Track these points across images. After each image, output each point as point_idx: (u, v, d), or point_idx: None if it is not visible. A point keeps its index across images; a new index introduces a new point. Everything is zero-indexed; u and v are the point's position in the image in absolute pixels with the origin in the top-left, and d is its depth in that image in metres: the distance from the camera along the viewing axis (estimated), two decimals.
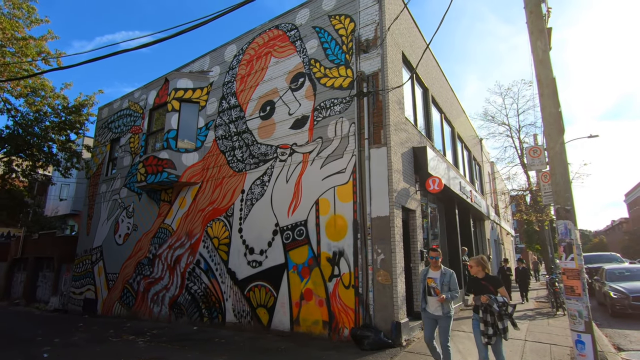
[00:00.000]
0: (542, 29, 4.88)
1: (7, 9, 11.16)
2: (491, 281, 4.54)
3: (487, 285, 4.48)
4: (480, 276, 4.61)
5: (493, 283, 4.51)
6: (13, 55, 11.39)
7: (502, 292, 4.39)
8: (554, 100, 4.66)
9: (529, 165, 7.24)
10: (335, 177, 7.79)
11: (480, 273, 4.62)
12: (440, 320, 4.73)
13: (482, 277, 4.59)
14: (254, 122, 9.55)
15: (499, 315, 4.30)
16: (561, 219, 4.36)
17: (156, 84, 11.90)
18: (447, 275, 4.76)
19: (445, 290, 4.68)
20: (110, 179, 13.78)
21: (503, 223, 24.42)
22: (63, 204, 23.48)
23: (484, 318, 4.37)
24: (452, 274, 4.79)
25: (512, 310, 4.40)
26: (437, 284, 4.70)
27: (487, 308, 4.33)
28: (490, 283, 4.50)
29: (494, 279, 4.62)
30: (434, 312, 4.74)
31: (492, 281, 4.54)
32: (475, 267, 4.64)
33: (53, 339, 8.23)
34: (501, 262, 15.45)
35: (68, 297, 14.39)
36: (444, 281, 4.71)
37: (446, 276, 4.75)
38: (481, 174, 18.82)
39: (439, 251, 4.92)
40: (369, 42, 7.96)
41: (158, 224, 11.26)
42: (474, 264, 4.64)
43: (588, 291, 4.33)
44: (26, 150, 13.23)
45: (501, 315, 4.30)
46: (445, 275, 4.75)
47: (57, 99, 13.67)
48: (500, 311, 4.29)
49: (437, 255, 4.84)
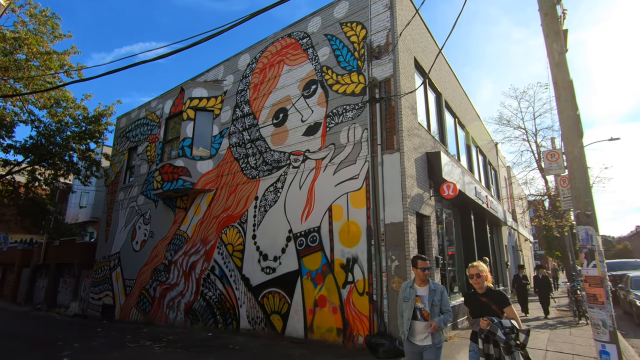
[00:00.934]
0: (557, 31, 4.80)
1: (33, 25, 11.67)
2: (494, 298, 3.46)
3: (488, 303, 3.41)
4: (480, 290, 3.55)
5: (497, 300, 3.43)
6: (37, 69, 11.86)
7: (510, 314, 3.35)
8: (571, 103, 4.56)
9: (546, 170, 7.08)
10: (348, 183, 7.78)
11: (480, 285, 3.56)
12: (427, 352, 3.62)
13: (482, 291, 3.54)
14: (267, 130, 9.66)
15: (506, 346, 3.17)
16: (582, 225, 4.23)
17: (172, 94, 12.19)
18: (437, 292, 3.70)
19: (435, 312, 3.62)
20: (128, 186, 14.11)
21: (521, 229, 23.83)
22: (83, 212, 24.13)
23: (484, 350, 3.29)
24: (444, 291, 3.79)
25: (524, 339, 3.26)
26: (426, 304, 3.64)
27: (489, 336, 3.25)
28: (494, 300, 3.43)
29: (498, 295, 3.50)
30: (421, 342, 3.62)
31: (496, 298, 3.45)
32: (475, 278, 3.56)
33: (73, 344, 8.41)
34: (516, 268, 14.39)
35: (87, 302, 14.72)
36: (434, 300, 3.64)
37: (436, 293, 3.68)
38: (497, 178, 18.47)
39: (428, 262, 3.87)
40: (381, 48, 7.98)
41: (174, 230, 11.44)
42: (474, 271, 3.57)
43: (612, 299, 4.17)
44: (48, 159, 13.69)
45: (509, 346, 3.17)
46: (435, 293, 3.69)
47: (77, 109, 14.12)
48: (508, 340, 3.16)
49: (427, 266, 3.79)
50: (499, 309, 3.38)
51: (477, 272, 3.57)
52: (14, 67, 11.30)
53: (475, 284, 3.55)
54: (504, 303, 3.41)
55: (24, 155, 13.38)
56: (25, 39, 11.08)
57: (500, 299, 3.43)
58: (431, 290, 3.72)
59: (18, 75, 11.51)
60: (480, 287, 3.55)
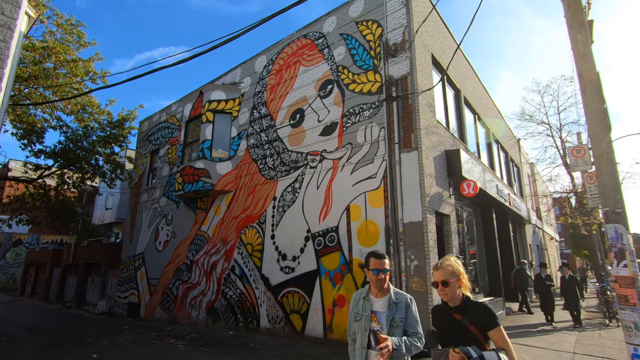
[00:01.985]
0: (582, 22, 4.63)
1: (60, 34, 12.21)
2: (475, 314, 2.22)
3: (464, 322, 2.23)
4: (452, 302, 2.32)
5: (478, 318, 2.20)
6: (64, 76, 12.39)
7: (498, 340, 2.15)
8: (598, 96, 4.39)
9: (572, 166, 6.82)
10: (366, 182, 7.75)
11: (451, 296, 2.30)
12: None
13: (456, 304, 2.31)
14: (284, 130, 9.74)
15: None
16: (611, 223, 4.07)
17: (191, 97, 12.47)
18: (400, 305, 2.58)
19: (397, 333, 2.50)
20: (150, 188, 14.52)
21: (546, 227, 23.07)
22: (108, 213, 25.02)
23: None
24: (410, 304, 2.62)
25: None
26: (383, 324, 2.53)
27: None
28: (473, 318, 2.21)
29: (480, 311, 2.23)
30: None
31: (477, 315, 2.22)
32: (441, 288, 2.31)
33: (101, 340, 8.75)
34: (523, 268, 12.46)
35: (114, 300, 15.25)
36: (394, 318, 2.54)
37: (399, 308, 2.57)
38: (520, 176, 17.95)
39: (386, 261, 2.63)
40: (397, 46, 7.91)
41: (195, 231, 11.70)
42: (439, 276, 2.33)
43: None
44: (76, 163, 14.26)
45: None
46: (397, 307, 2.58)
47: (102, 114, 14.67)
48: None
49: (384, 267, 2.60)
50: (480, 332, 2.15)
51: (442, 277, 2.28)
52: (43, 75, 11.84)
53: (443, 296, 2.30)
54: (489, 323, 2.15)
55: (53, 160, 13.99)
56: (53, 48, 11.60)
57: (484, 317, 2.18)
58: (391, 304, 2.57)
59: (47, 83, 12.05)
60: (451, 299, 2.29)
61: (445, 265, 2.36)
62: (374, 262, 2.63)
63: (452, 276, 2.30)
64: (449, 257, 2.41)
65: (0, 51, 2.15)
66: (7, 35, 2.20)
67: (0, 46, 2.14)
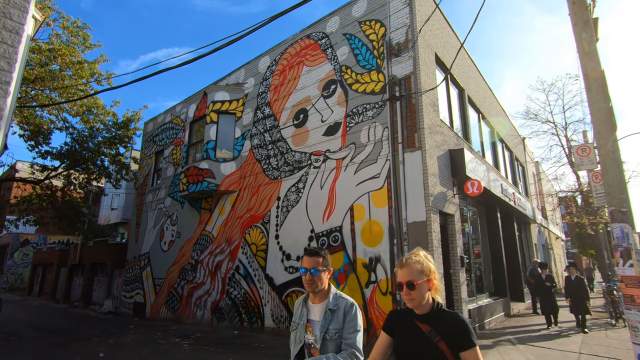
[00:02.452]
0: (586, 20, 4.61)
1: (65, 37, 12.34)
2: (445, 327, 1.75)
3: (431, 337, 1.75)
4: (418, 309, 1.83)
5: (450, 332, 1.72)
6: (70, 78, 12.53)
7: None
8: (603, 94, 4.36)
9: (577, 165, 6.77)
10: (370, 182, 7.75)
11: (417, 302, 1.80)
12: None
13: (423, 312, 1.83)
14: (287, 131, 9.76)
15: None
16: (616, 222, 4.05)
17: (195, 98, 12.54)
18: (337, 314, 2.16)
19: (331, 348, 2.09)
20: (155, 189, 14.63)
21: (551, 226, 22.90)
22: (114, 213, 25.22)
23: None
24: (350, 311, 2.16)
25: None
26: (317, 334, 2.15)
27: None
28: (443, 331, 1.74)
29: (452, 322, 1.75)
30: None
31: (448, 327, 1.74)
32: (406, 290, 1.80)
33: (107, 340, 8.83)
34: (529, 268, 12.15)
35: (120, 300, 15.38)
36: (328, 329, 2.12)
37: (335, 317, 2.15)
38: (525, 175, 17.84)
39: (326, 256, 2.28)
40: (400, 46, 7.90)
41: (199, 231, 11.77)
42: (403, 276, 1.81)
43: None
44: (82, 164, 14.41)
45: None
46: (333, 315, 2.16)
47: (108, 115, 14.81)
48: None
49: (318, 267, 2.19)
50: (451, 351, 1.69)
51: (408, 278, 1.78)
52: (49, 77, 11.97)
53: (409, 302, 1.80)
54: (464, 341, 1.67)
55: (60, 161, 14.15)
56: (59, 50, 11.73)
57: (458, 333, 1.69)
58: (327, 312, 2.15)
59: (53, 85, 12.18)
60: (418, 305, 1.80)
61: (412, 262, 1.82)
62: (304, 259, 2.24)
63: (420, 276, 1.79)
64: (417, 252, 1.88)
65: (9, 55, 2.19)
66: (15, 40, 2.25)
67: (9, 51, 2.18)
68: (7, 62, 2.18)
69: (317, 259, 2.22)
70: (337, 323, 2.14)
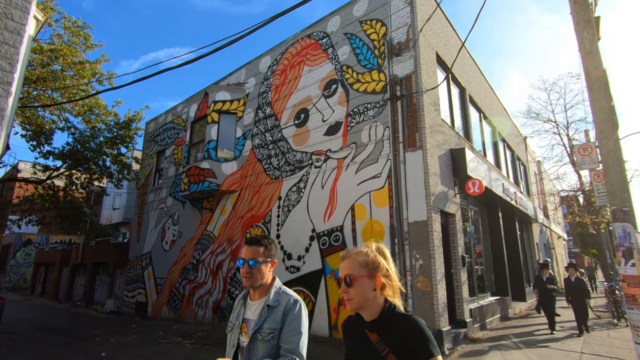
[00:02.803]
0: (588, 18, 4.59)
1: (67, 36, 12.37)
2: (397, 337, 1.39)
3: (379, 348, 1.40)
4: (368, 316, 1.49)
5: (401, 344, 1.36)
6: (72, 78, 12.56)
7: None
8: (605, 93, 4.35)
9: (579, 164, 6.76)
10: (371, 182, 7.75)
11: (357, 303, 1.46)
12: None
13: (373, 318, 1.47)
14: (288, 130, 9.77)
15: None
16: (618, 222, 4.04)
17: (197, 98, 12.55)
18: (276, 310, 1.87)
19: (262, 352, 1.79)
20: (157, 188, 14.65)
21: (553, 226, 22.85)
22: (116, 213, 25.29)
23: None
24: (292, 310, 1.85)
25: None
26: (250, 333, 1.88)
27: None
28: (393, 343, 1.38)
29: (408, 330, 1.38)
30: None
31: (401, 337, 1.38)
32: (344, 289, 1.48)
33: (109, 339, 8.86)
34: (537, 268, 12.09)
35: (122, 300, 15.42)
36: (262, 329, 1.83)
37: (273, 313, 1.86)
38: (526, 174, 17.80)
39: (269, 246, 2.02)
40: (401, 45, 7.89)
41: (201, 230, 11.78)
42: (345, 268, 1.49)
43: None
44: (84, 164, 14.45)
45: None
46: (270, 312, 1.87)
47: (109, 115, 14.84)
48: None
49: (258, 257, 1.93)
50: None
51: (347, 271, 1.47)
52: (50, 77, 12.00)
53: (347, 303, 1.48)
54: (420, 352, 1.34)
55: (62, 161, 14.19)
56: (61, 50, 11.75)
57: (412, 342, 1.36)
58: (264, 308, 1.86)
59: (55, 85, 12.21)
60: (358, 307, 1.48)
61: (355, 252, 1.49)
62: (243, 249, 1.98)
63: (361, 270, 1.44)
64: (369, 244, 1.53)
65: (10, 56, 2.20)
66: (16, 41, 2.26)
67: (10, 51, 2.19)
68: (8, 62, 2.19)
69: (257, 248, 1.95)
70: (274, 322, 1.81)
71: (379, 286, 1.47)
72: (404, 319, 1.42)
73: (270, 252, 2.01)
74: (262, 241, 1.99)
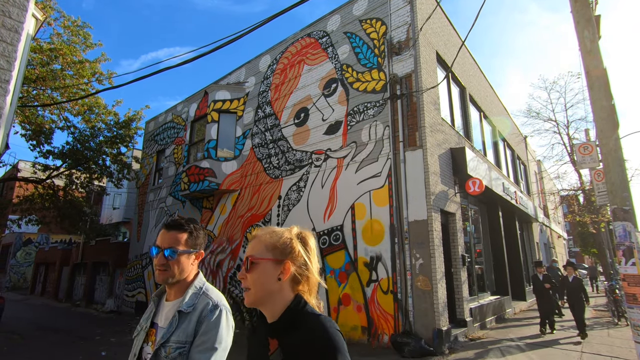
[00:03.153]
0: (589, 17, 4.58)
1: (67, 36, 12.35)
2: (296, 347, 1.03)
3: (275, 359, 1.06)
4: (271, 316, 1.15)
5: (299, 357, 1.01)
6: (71, 78, 12.54)
7: None
8: (605, 92, 4.34)
9: (579, 163, 6.75)
10: (371, 181, 7.74)
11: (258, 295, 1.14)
12: None
13: (274, 316, 1.14)
14: (288, 130, 9.75)
15: None
16: (619, 221, 4.03)
17: (196, 97, 12.54)
18: (190, 316, 1.46)
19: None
20: (157, 188, 14.65)
21: (553, 225, 22.84)
22: (116, 213, 25.28)
23: None
24: (211, 315, 1.46)
25: None
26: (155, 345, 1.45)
27: None
28: (291, 355, 1.03)
29: (310, 339, 1.03)
30: None
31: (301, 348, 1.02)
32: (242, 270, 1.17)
33: (109, 339, 8.86)
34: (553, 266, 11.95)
35: (122, 299, 15.42)
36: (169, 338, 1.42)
37: (185, 321, 1.45)
38: (527, 173, 17.80)
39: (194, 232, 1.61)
40: (401, 44, 7.87)
41: None
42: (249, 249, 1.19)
43: None
44: (84, 163, 14.43)
45: None
46: (181, 319, 1.46)
47: (109, 115, 14.81)
48: None
49: (177, 246, 1.53)
50: None
51: (250, 253, 1.18)
52: (50, 77, 11.98)
53: (246, 296, 1.17)
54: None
55: (61, 160, 14.16)
56: (60, 49, 11.73)
57: (311, 351, 1.01)
58: (175, 315, 1.48)
59: (54, 84, 12.20)
60: (256, 301, 1.17)
61: (264, 232, 1.20)
62: (159, 234, 1.57)
63: (266, 252, 1.14)
64: (292, 227, 1.27)
65: (8, 54, 2.19)
66: (14, 39, 2.25)
67: (8, 49, 2.18)
68: (6, 60, 2.19)
69: (176, 235, 1.53)
70: (185, 334, 1.40)
71: (286, 276, 1.13)
72: (311, 321, 1.08)
73: (196, 241, 1.61)
74: (185, 226, 1.57)
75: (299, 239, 1.21)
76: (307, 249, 1.22)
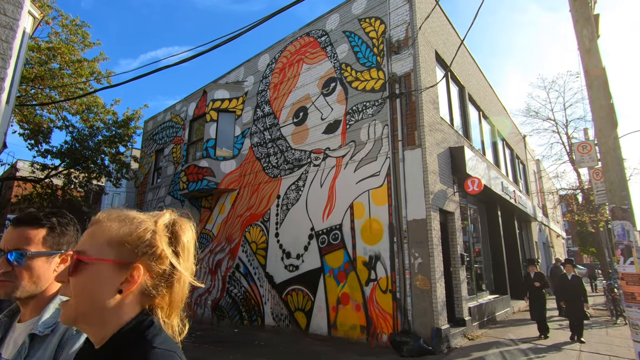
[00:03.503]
0: (587, 16, 4.58)
1: (65, 35, 12.31)
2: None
3: None
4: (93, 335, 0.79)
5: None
6: (70, 77, 12.50)
7: None
8: (604, 91, 4.34)
9: (577, 162, 6.75)
10: (370, 180, 7.73)
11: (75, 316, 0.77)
12: None
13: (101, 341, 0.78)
14: (287, 129, 9.74)
15: None
16: (617, 220, 4.03)
17: (195, 96, 12.51)
18: (47, 342, 1.03)
19: None
20: (155, 187, 14.62)
21: (552, 224, 22.87)
22: None
23: None
24: (72, 341, 1.04)
25: None
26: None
27: None
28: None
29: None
30: None
31: None
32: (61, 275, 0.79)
33: None
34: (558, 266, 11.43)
35: None
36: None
37: (42, 349, 1.02)
38: (526, 173, 17.81)
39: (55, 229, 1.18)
40: (400, 43, 7.86)
41: (199, 229, 11.76)
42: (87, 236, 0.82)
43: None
44: (82, 163, 14.40)
45: None
46: (36, 346, 1.02)
47: (108, 114, 14.79)
48: None
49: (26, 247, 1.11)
50: None
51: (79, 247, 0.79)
52: (48, 76, 11.95)
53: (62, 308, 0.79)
54: None
55: (60, 160, 14.13)
56: (58, 48, 11.70)
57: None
58: (25, 340, 1.05)
59: (53, 83, 12.16)
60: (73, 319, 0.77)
61: (107, 218, 0.84)
62: (5, 233, 1.17)
63: (106, 248, 0.80)
64: (164, 212, 1.00)
65: (3, 51, 2.17)
66: (9, 36, 2.23)
67: (3, 47, 2.16)
68: (1, 58, 2.17)
69: (27, 231, 1.13)
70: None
71: (131, 287, 0.79)
72: (138, 354, 0.73)
73: (61, 239, 1.20)
74: (43, 220, 1.16)
75: (167, 232, 0.89)
76: (177, 248, 0.91)
